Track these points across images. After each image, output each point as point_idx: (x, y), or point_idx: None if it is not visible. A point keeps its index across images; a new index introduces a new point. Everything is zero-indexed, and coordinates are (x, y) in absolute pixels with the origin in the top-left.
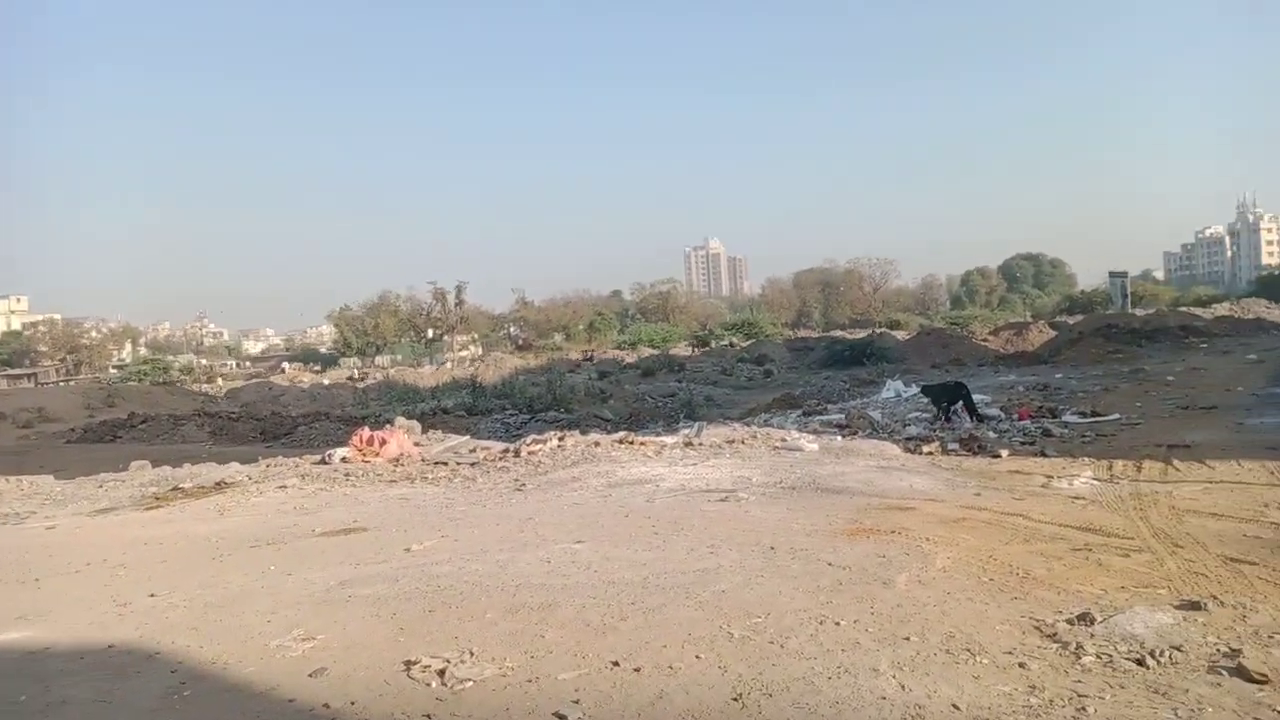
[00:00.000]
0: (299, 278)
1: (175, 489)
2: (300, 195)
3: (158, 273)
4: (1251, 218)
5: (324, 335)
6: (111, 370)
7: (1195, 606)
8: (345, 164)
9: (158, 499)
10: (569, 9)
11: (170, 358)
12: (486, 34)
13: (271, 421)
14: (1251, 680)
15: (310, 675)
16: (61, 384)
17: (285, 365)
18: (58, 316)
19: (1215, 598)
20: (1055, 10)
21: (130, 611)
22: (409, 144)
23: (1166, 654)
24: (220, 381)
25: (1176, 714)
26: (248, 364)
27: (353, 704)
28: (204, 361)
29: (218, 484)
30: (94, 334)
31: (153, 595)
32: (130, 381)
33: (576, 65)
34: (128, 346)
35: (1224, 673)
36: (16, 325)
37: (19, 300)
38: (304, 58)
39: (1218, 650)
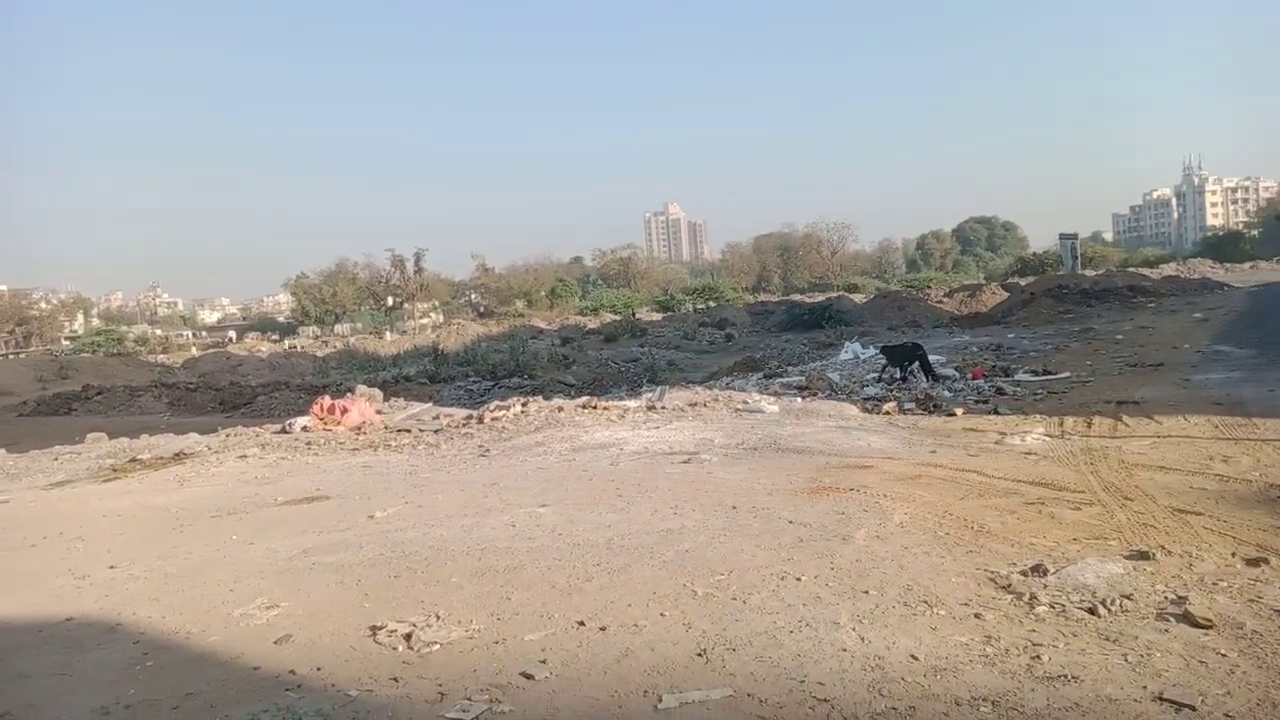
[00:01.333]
0: (255, 246)
1: (133, 460)
2: (255, 161)
3: (109, 242)
4: (1197, 180)
5: (281, 304)
6: (64, 342)
7: (1144, 556)
8: (301, 130)
9: (115, 471)
10: None
11: (124, 328)
12: (445, 1)
13: (230, 391)
14: (1197, 625)
15: (275, 642)
16: (11, 356)
17: (232, 334)
18: (3, 288)
19: (1163, 548)
20: None
21: (90, 584)
22: (366, 110)
23: (1117, 602)
24: (192, 348)
25: (1126, 659)
26: (204, 334)
27: (319, 670)
28: (159, 331)
29: (177, 455)
30: (43, 305)
31: (112, 567)
32: (83, 353)
33: (535, 31)
34: (79, 317)
35: (1171, 619)
36: None
37: None
38: (259, 22)
39: (1165, 598)
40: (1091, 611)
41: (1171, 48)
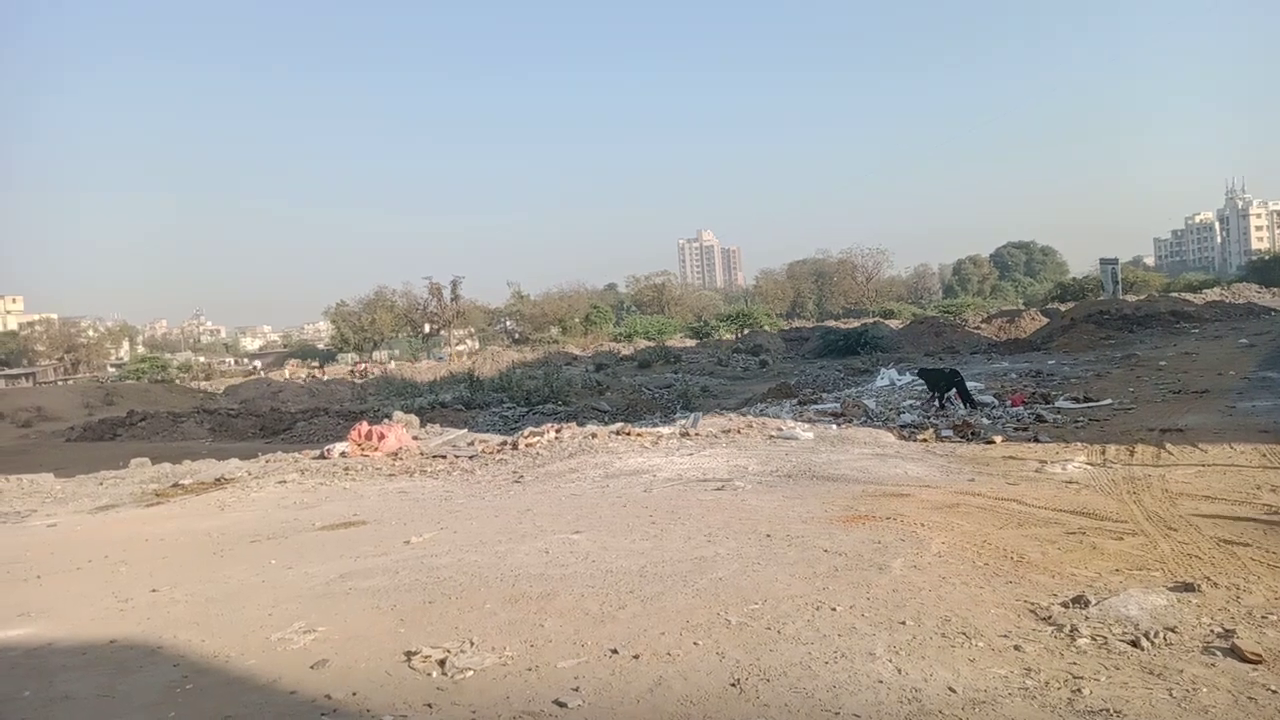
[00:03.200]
0: (295, 275)
1: (175, 485)
2: (296, 192)
3: (154, 272)
4: (1241, 204)
5: (321, 331)
6: (109, 369)
7: (1189, 588)
8: (340, 160)
9: (158, 495)
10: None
11: (168, 355)
12: (481, 25)
13: (270, 418)
14: (1245, 660)
15: (312, 667)
16: (60, 383)
17: (258, 364)
18: (54, 316)
19: (1209, 579)
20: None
21: (132, 607)
22: (403, 139)
23: (1161, 635)
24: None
25: (1171, 694)
26: (246, 361)
27: (354, 694)
28: (202, 359)
29: (218, 480)
30: (91, 333)
31: (154, 591)
32: (128, 380)
33: (571, 59)
34: (125, 345)
35: (1218, 653)
36: (13, 325)
37: (15, 300)
38: (299, 54)
39: (1212, 631)
40: (1134, 644)
41: (1214, 68)
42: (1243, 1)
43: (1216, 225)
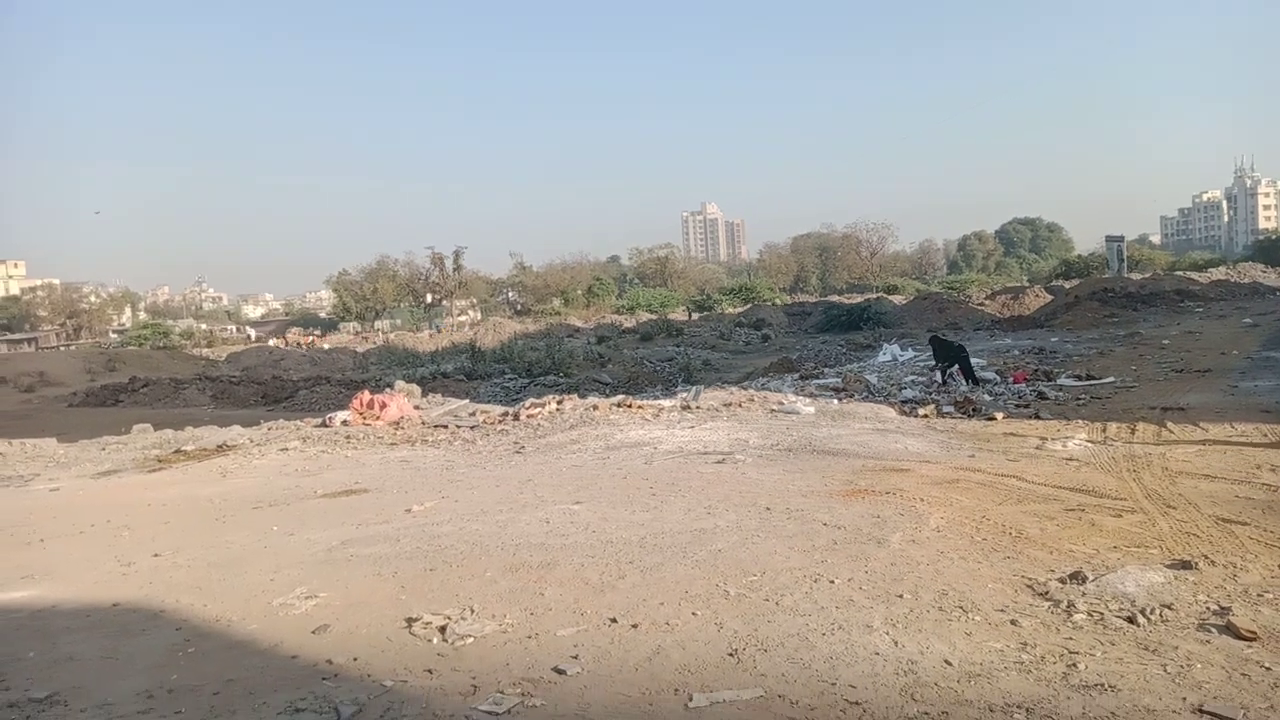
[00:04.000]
0: (298, 243)
1: (178, 452)
2: (297, 160)
3: (156, 238)
4: (1249, 182)
5: (323, 300)
6: (111, 335)
7: (1186, 566)
8: (344, 128)
9: (160, 461)
10: None
11: (170, 322)
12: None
13: (272, 385)
14: (1240, 637)
15: (313, 632)
16: (62, 348)
17: (251, 332)
18: (56, 281)
19: (1206, 557)
20: None
21: (134, 571)
22: (407, 109)
23: (1157, 612)
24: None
25: (1166, 670)
26: (248, 329)
27: (355, 660)
28: (204, 326)
29: (220, 447)
30: (93, 299)
31: (156, 555)
32: (130, 346)
33: (574, 28)
34: (127, 311)
35: (1214, 630)
36: (15, 290)
37: (16, 265)
38: (301, 21)
39: (1208, 608)
40: (1131, 620)
41: (1224, 45)
42: None
43: (1224, 204)
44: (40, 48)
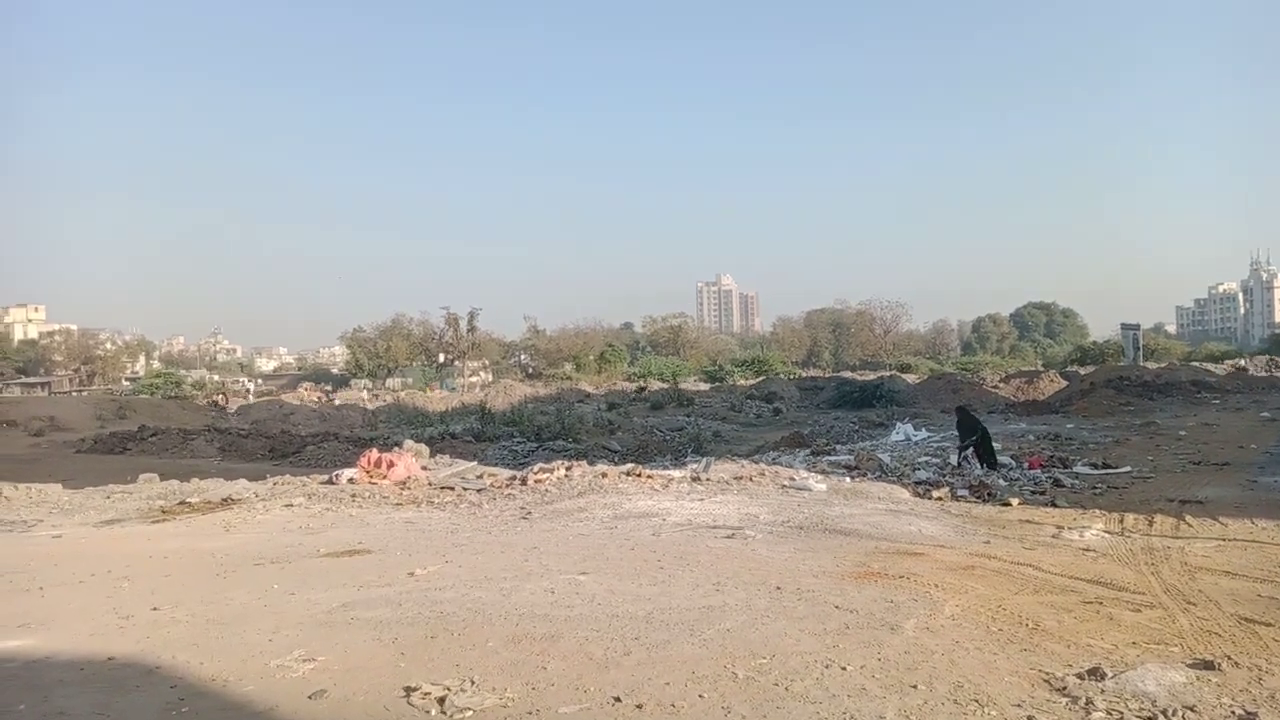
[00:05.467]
0: (313, 298)
1: (182, 503)
2: (317, 216)
3: (175, 288)
4: (1265, 275)
5: (336, 356)
6: (124, 382)
7: (1209, 666)
8: (363, 186)
9: (164, 512)
10: (586, 33)
11: (183, 372)
12: (503, 58)
13: (280, 440)
14: None
15: (310, 697)
16: (74, 394)
17: (246, 382)
18: (74, 327)
19: (1229, 658)
20: (1072, 63)
21: (132, 624)
22: (426, 169)
23: (1179, 713)
24: (249, 389)
25: None
26: (259, 381)
27: None
28: (216, 378)
29: (225, 500)
30: (109, 345)
31: (155, 609)
32: (142, 394)
33: (594, 94)
34: (141, 359)
35: None
36: (34, 334)
37: (37, 309)
38: (321, 78)
39: (1232, 712)
40: None
41: (1241, 138)
42: (1274, 71)
43: (1240, 296)
44: (60, 92)
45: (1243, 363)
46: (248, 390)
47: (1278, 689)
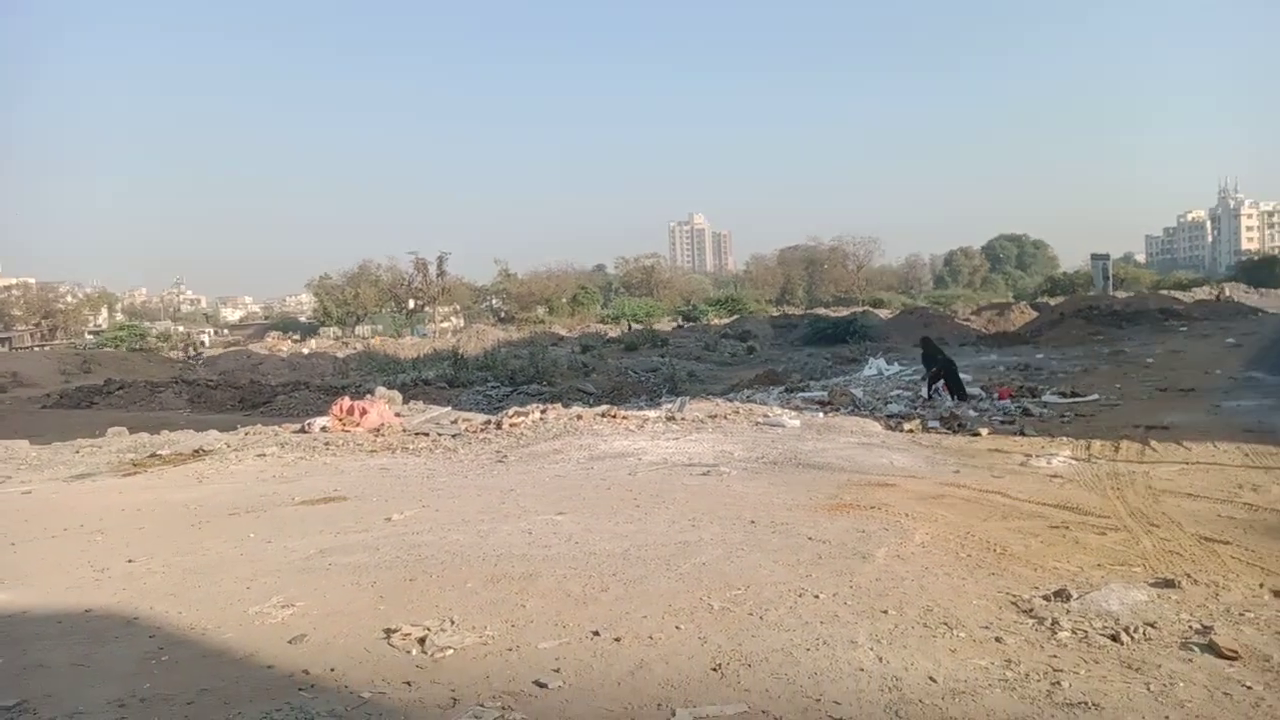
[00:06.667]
0: (278, 245)
1: (153, 456)
2: (281, 162)
3: (134, 238)
4: (1233, 203)
5: (303, 304)
6: (87, 336)
7: (1170, 584)
8: (327, 132)
9: (135, 465)
10: None
11: (147, 324)
12: (470, 3)
13: (250, 390)
14: (1222, 656)
15: (289, 642)
16: (36, 349)
17: (206, 336)
18: (31, 280)
19: (1189, 576)
20: None
21: (108, 577)
22: (393, 114)
23: (1140, 630)
24: (204, 341)
25: (1149, 689)
26: (225, 331)
27: (332, 670)
28: (181, 329)
29: (196, 451)
30: (69, 299)
31: (131, 561)
32: (106, 348)
33: (562, 37)
34: (104, 312)
35: (1196, 649)
36: None
37: None
38: (284, 26)
39: (1190, 627)
40: (1114, 639)
41: (1210, 67)
42: (1242, 1)
43: (1208, 224)
44: (15, 45)
45: (1228, 292)
46: (202, 343)
47: (1233, 604)
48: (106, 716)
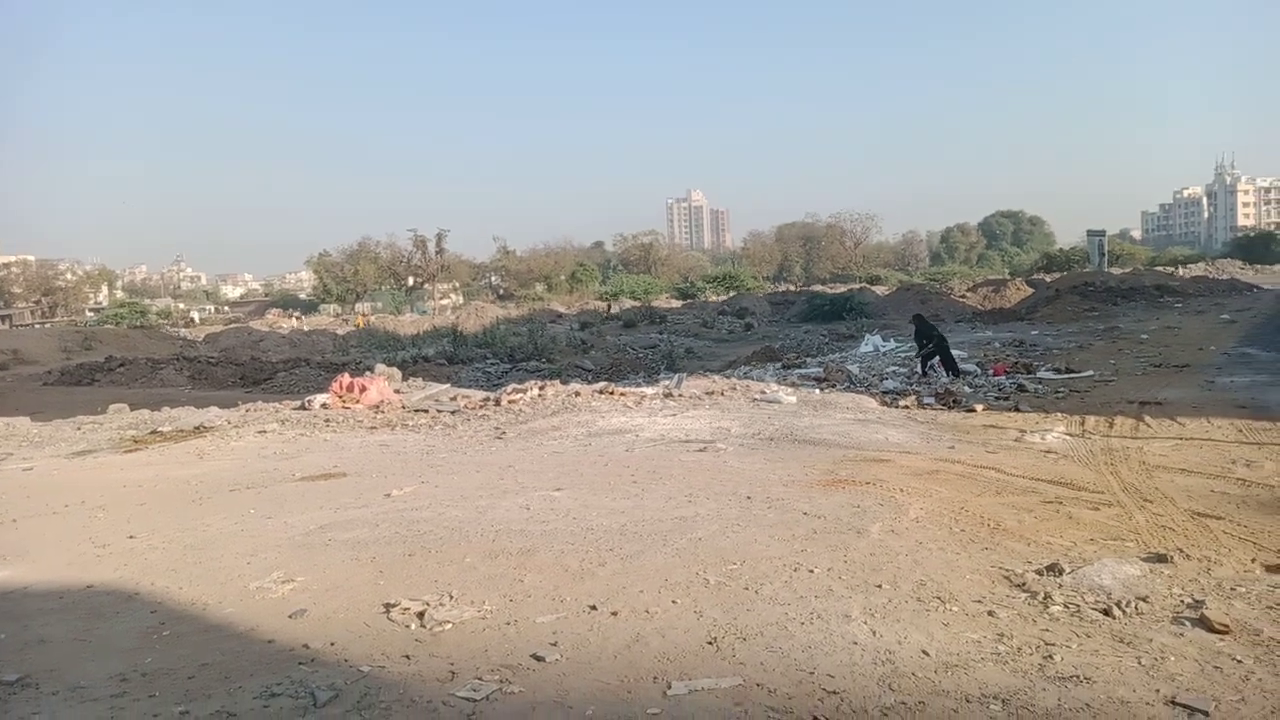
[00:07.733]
0: (279, 223)
1: (154, 432)
2: (282, 140)
3: (135, 216)
4: (1229, 179)
5: (303, 281)
6: (88, 313)
7: (1162, 559)
8: (328, 111)
9: (136, 442)
10: None
11: (147, 301)
12: None
13: (251, 367)
14: (1213, 630)
15: (290, 616)
16: (36, 326)
17: (195, 315)
18: (31, 258)
19: (1181, 551)
20: None
21: (109, 553)
22: (393, 92)
23: (1132, 604)
24: (194, 319)
25: (1140, 662)
26: (226, 309)
27: (332, 645)
28: (182, 306)
29: (197, 428)
30: (69, 276)
31: (132, 537)
32: (107, 325)
33: (562, 14)
34: (104, 289)
35: (1187, 623)
36: None
37: None
38: (288, 10)
39: (1182, 601)
40: (1106, 613)
41: (1207, 44)
42: None
43: (1204, 200)
44: (17, 22)
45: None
46: (191, 319)
47: (1224, 578)
48: (108, 691)
